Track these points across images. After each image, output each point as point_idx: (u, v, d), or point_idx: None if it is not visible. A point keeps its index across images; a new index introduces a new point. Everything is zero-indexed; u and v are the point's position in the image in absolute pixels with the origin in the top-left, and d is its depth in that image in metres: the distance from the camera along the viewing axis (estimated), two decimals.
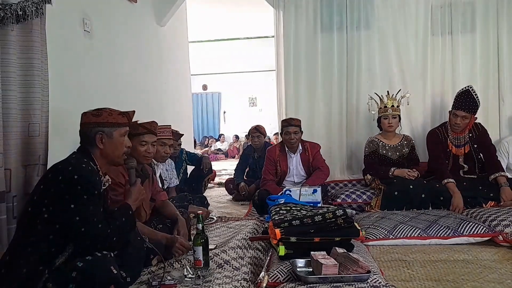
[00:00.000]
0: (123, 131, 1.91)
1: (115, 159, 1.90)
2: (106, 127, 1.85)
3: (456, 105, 3.50)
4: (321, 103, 4.45)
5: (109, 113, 1.87)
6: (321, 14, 4.43)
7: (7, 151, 2.14)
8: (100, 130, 1.84)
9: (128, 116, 1.95)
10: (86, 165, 1.74)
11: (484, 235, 2.65)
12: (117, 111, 1.92)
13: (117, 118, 1.89)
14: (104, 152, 1.85)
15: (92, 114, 1.87)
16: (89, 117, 1.87)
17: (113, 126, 1.86)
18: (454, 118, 3.49)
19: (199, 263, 2.03)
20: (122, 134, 1.90)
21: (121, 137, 1.89)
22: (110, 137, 1.85)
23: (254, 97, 13.66)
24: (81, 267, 1.55)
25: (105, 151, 1.85)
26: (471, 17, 4.21)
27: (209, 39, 9.16)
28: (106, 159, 1.87)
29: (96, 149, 1.84)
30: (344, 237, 2.08)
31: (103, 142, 1.84)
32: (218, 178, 6.28)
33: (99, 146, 1.83)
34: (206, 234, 2.11)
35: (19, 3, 2.15)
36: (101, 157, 1.86)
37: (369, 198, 3.60)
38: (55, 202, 1.65)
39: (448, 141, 3.61)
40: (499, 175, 3.38)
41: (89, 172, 1.72)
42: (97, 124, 1.84)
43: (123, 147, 1.90)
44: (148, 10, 4.59)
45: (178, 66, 5.66)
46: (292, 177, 3.94)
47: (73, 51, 3.03)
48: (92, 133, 1.83)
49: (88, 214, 1.64)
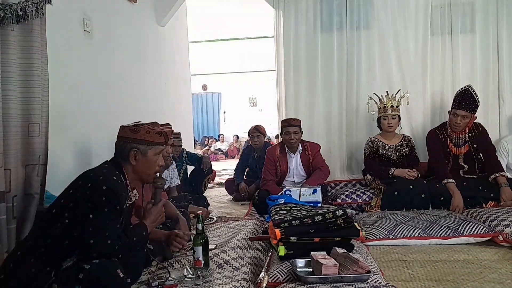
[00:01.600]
0: (158, 150, 1.89)
1: (146, 177, 1.90)
2: (142, 144, 1.84)
3: (456, 105, 3.50)
4: (321, 103, 4.45)
5: (147, 131, 1.85)
6: (321, 14, 4.43)
7: (7, 151, 2.14)
8: (135, 147, 1.83)
9: (166, 136, 1.93)
10: (117, 178, 1.74)
11: (484, 235, 2.65)
12: (155, 130, 1.89)
13: (154, 137, 1.87)
14: (136, 169, 1.85)
15: (130, 130, 1.86)
16: (126, 131, 1.86)
17: (149, 145, 1.85)
18: (454, 118, 3.49)
19: (199, 263, 2.03)
20: (157, 153, 1.88)
21: (155, 156, 1.88)
22: (145, 155, 1.84)
23: (254, 97, 13.66)
24: (88, 269, 1.55)
25: (137, 168, 1.84)
26: (471, 17, 4.21)
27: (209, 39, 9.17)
28: (136, 175, 1.87)
29: (129, 164, 1.84)
30: (344, 237, 2.08)
31: (137, 159, 1.83)
32: (218, 178, 6.28)
33: (132, 163, 1.83)
34: (206, 234, 2.11)
35: (19, 3, 2.15)
36: (132, 172, 1.85)
37: (369, 198, 3.60)
38: (77, 208, 1.65)
39: (448, 141, 3.61)
40: (499, 175, 3.38)
41: (118, 185, 1.71)
42: (133, 140, 1.84)
43: (155, 166, 1.89)
44: (148, 10, 4.59)
45: (178, 66, 5.66)
46: (292, 177, 3.94)
47: (73, 51, 3.03)
48: (127, 149, 1.83)
49: (102, 228, 1.63)
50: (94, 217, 1.62)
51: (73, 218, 1.64)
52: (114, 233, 1.67)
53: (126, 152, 1.83)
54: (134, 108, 3.93)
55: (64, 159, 2.91)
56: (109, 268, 1.59)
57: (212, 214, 3.40)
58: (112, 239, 1.64)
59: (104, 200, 1.64)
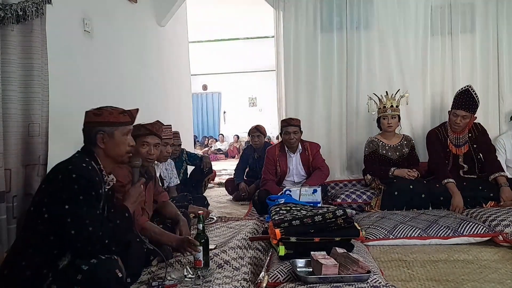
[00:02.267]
0: (126, 130, 1.87)
1: (118, 158, 1.87)
2: (107, 126, 1.82)
3: (456, 105, 3.50)
4: (321, 103, 4.45)
5: (110, 112, 1.84)
6: (321, 14, 4.43)
7: (7, 151, 2.14)
8: (101, 130, 1.81)
9: (130, 115, 1.92)
10: (86, 164, 1.72)
11: (484, 235, 2.65)
12: (119, 110, 1.89)
13: (118, 117, 1.86)
14: (106, 152, 1.83)
15: (93, 113, 1.84)
16: (90, 116, 1.85)
17: (114, 125, 1.83)
18: (454, 118, 3.49)
19: (199, 264, 2.03)
20: (125, 133, 1.87)
21: (123, 136, 1.86)
22: (112, 137, 1.82)
23: (254, 97, 13.66)
24: (86, 270, 1.55)
25: (107, 150, 1.83)
26: (471, 17, 4.21)
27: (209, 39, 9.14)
28: (109, 158, 1.85)
29: (98, 148, 1.82)
30: (344, 237, 2.08)
31: (104, 142, 1.81)
32: (218, 178, 6.28)
33: (101, 146, 1.81)
34: (207, 234, 2.11)
35: (19, 3, 2.15)
36: (104, 156, 1.83)
37: (369, 198, 3.60)
38: (53, 202, 1.63)
39: (448, 141, 3.61)
40: (499, 175, 3.38)
41: (88, 171, 1.70)
42: (98, 123, 1.82)
43: (125, 146, 1.87)
44: (148, 10, 4.59)
45: (178, 66, 5.66)
46: (292, 177, 3.94)
47: (73, 51, 3.03)
48: (93, 133, 1.81)
49: (80, 216, 1.61)
50: (70, 207, 1.60)
51: (51, 212, 1.63)
52: (94, 220, 1.64)
53: (93, 136, 1.81)
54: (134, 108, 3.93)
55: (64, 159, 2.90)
56: (107, 268, 1.59)
57: (212, 214, 3.40)
58: (93, 226, 1.62)
59: (77, 188, 1.63)
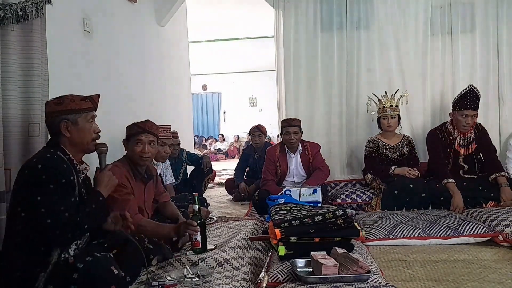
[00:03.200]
0: (89, 116, 1.86)
1: (85, 146, 1.86)
2: (69, 114, 1.81)
3: (464, 105, 3.48)
4: (321, 103, 4.45)
5: (71, 100, 1.83)
6: (321, 14, 4.43)
7: (7, 151, 2.13)
8: (64, 118, 1.80)
9: (92, 101, 1.90)
10: (51, 154, 1.72)
11: (484, 235, 2.65)
12: (80, 97, 1.87)
13: (80, 104, 1.84)
14: (71, 140, 1.82)
15: (54, 103, 1.83)
16: (51, 106, 1.83)
17: (77, 113, 1.82)
18: (464, 118, 3.48)
19: (197, 244, 2.04)
20: (88, 120, 1.86)
21: (88, 123, 1.85)
22: (75, 124, 1.81)
23: (254, 97, 13.66)
24: (82, 268, 1.55)
25: (72, 138, 1.81)
26: (471, 17, 4.21)
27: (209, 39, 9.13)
28: (75, 147, 1.83)
29: (64, 138, 1.81)
30: (344, 237, 2.08)
31: (69, 130, 1.80)
32: (218, 178, 6.28)
33: (65, 134, 1.80)
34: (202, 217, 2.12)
35: (19, 3, 2.15)
36: (70, 145, 1.82)
37: (369, 198, 3.60)
38: (25, 198, 1.64)
39: (455, 142, 3.59)
40: (499, 175, 3.38)
41: (53, 160, 1.69)
42: (60, 112, 1.81)
43: (91, 133, 1.86)
44: (148, 10, 4.58)
45: (178, 66, 5.65)
46: (292, 177, 3.94)
47: (73, 51, 3.03)
48: (56, 122, 1.80)
49: (53, 205, 1.61)
50: (41, 198, 1.61)
51: (25, 209, 1.63)
52: (69, 206, 1.65)
53: (57, 125, 1.80)
54: (134, 108, 3.93)
55: None
56: (102, 265, 1.60)
57: (212, 214, 3.40)
58: (68, 212, 1.62)
59: (45, 178, 1.63)
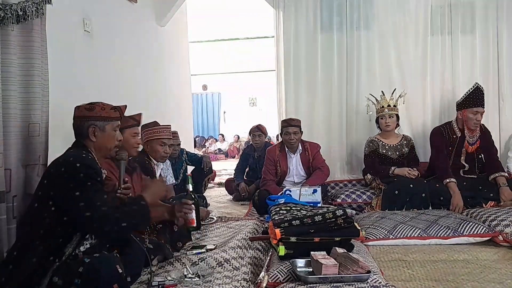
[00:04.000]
0: (115, 125, 1.95)
1: (107, 152, 1.96)
2: (98, 120, 1.89)
3: (474, 103, 3.49)
4: (321, 103, 4.45)
5: (101, 107, 1.92)
6: (321, 14, 4.43)
7: (7, 151, 2.14)
8: (92, 124, 1.88)
9: (120, 111, 2.00)
10: (86, 154, 1.80)
11: (484, 235, 2.65)
12: (110, 106, 1.96)
13: (110, 112, 1.93)
14: (97, 145, 1.89)
15: (85, 108, 1.91)
16: (82, 110, 1.91)
17: (106, 120, 1.91)
18: (475, 116, 3.49)
19: (192, 222, 2.05)
20: (114, 128, 1.94)
21: (113, 131, 1.94)
22: (103, 131, 1.90)
23: (254, 97, 13.65)
24: (88, 262, 1.59)
25: (98, 144, 1.89)
26: (471, 17, 4.21)
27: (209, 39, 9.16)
28: (99, 151, 1.92)
29: (90, 142, 1.89)
30: (344, 237, 2.08)
31: (96, 135, 1.88)
32: (218, 178, 6.28)
33: (92, 139, 1.88)
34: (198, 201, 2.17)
35: (19, 3, 2.15)
36: (95, 149, 1.90)
37: (369, 198, 3.60)
38: (61, 193, 1.69)
39: (451, 139, 3.60)
40: (498, 175, 3.38)
41: (89, 160, 1.77)
42: (90, 117, 1.89)
43: (114, 141, 1.95)
44: (148, 10, 4.58)
45: (178, 66, 5.65)
46: (292, 177, 3.94)
47: (73, 51, 3.03)
48: (85, 127, 1.88)
49: (91, 199, 1.67)
50: (80, 193, 1.66)
51: (59, 205, 1.68)
52: (105, 201, 1.71)
53: (85, 130, 1.88)
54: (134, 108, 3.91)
55: None
56: (108, 262, 1.62)
57: (212, 214, 3.40)
58: (106, 206, 1.69)
59: (83, 176, 1.69)
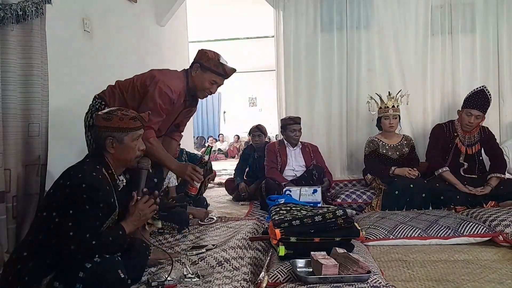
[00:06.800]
0: (136, 135, 1.84)
1: (127, 163, 1.87)
2: (116, 132, 1.79)
3: (470, 104, 3.49)
4: (321, 103, 4.45)
5: (120, 118, 1.80)
6: (321, 14, 4.43)
7: (7, 151, 2.14)
8: (110, 135, 1.79)
9: (141, 120, 1.88)
10: (97, 173, 1.72)
11: (484, 235, 2.65)
12: (129, 115, 1.84)
13: (129, 123, 1.81)
14: (115, 157, 1.82)
15: (103, 118, 1.81)
16: (99, 120, 1.82)
17: (124, 131, 1.81)
18: (468, 117, 3.49)
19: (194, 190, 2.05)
20: (134, 139, 1.84)
21: (133, 141, 1.84)
22: (121, 142, 1.80)
23: (254, 97, 13.65)
24: (89, 268, 1.57)
25: (116, 155, 1.82)
26: (471, 17, 4.21)
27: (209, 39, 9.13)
28: (118, 162, 1.84)
29: (108, 153, 1.81)
30: (344, 237, 2.08)
31: (114, 147, 1.80)
32: (218, 178, 6.28)
33: (110, 151, 1.80)
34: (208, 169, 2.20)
35: (19, 3, 2.15)
36: (113, 160, 1.83)
37: (369, 198, 3.60)
38: (60, 205, 1.66)
39: (456, 139, 3.60)
40: (494, 176, 3.40)
41: (98, 181, 1.70)
42: (107, 128, 1.79)
43: (135, 152, 1.85)
44: (148, 10, 4.59)
45: (178, 66, 5.63)
46: (292, 166, 4.00)
47: (73, 51, 3.03)
48: (102, 138, 1.80)
49: (81, 222, 1.63)
50: (74, 212, 1.63)
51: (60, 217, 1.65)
52: (93, 229, 1.65)
53: (102, 141, 1.80)
54: None
55: (64, 159, 2.90)
56: (110, 267, 1.61)
57: (212, 214, 3.40)
58: (90, 233, 1.63)
59: (85, 197, 1.64)
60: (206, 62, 2.44)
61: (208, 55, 2.46)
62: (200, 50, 2.53)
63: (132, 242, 1.88)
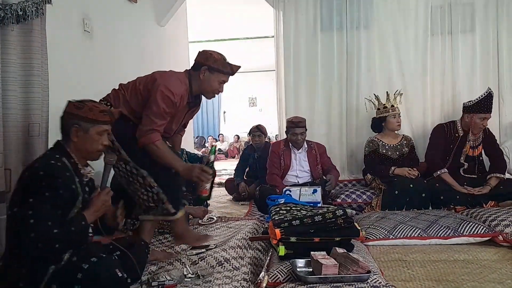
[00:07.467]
0: (101, 129, 1.85)
1: (88, 155, 1.86)
2: (83, 121, 1.81)
3: (484, 109, 3.51)
4: (321, 103, 4.45)
5: (90, 108, 1.83)
6: (321, 14, 4.43)
7: (7, 151, 2.14)
8: (76, 123, 1.80)
9: (111, 115, 1.90)
10: (56, 161, 1.71)
11: (484, 235, 2.66)
12: (100, 108, 1.87)
13: (98, 115, 1.83)
14: (77, 145, 1.82)
15: (74, 105, 1.83)
16: (71, 107, 1.84)
17: (91, 123, 1.82)
18: (483, 121, 3.51)
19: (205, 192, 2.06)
20: (99, 132, 1.84)
21: (97, 135, 1.84)
22: (86, 132, 1.81)
23: (254, 97, 13.65)
24: (87, 268, 1.56)
25: (78, 145, 1.81)
26: (471, 17, 4.21)
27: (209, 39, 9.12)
28: (80, 152, 1.83)
29: (70, 141, 1.82)
30: (344, 237, 2.08)
31: (78, 136, 1.81)
32: (218, 178, 6.27)
33: (73, 139, 1.81)
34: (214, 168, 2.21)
35: (19, 3, 2.15)
36: (75, 149, 1.82)
37: (369, 198, 3.60)
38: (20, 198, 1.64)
39: (452, 138, 3.62)
40: (493, 176, 3.40)
41: (56, 168, 1.69)
42: (76, 116, 1.81)
43: (98, 145, 1.85)
44: (148, 10, 4.58)
45: (178, 66, 5.64)
46: (295, 172, 3.95)
47: (73, 51, 3.03)
48: (69, 125, 1.81)
49: (42, 209, 1.60)
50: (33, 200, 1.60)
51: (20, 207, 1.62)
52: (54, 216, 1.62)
53: (69, 127, 1.81)
54: None
55: None
56: (107, 267, 1.60)
57: (212, 214, 3.40)
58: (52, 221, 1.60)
59: (44, 184, 1.63)
60: (214, 64, 2.45)
61: (214, 56, 2.47)
62: (202, 51, 2.53)
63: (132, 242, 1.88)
